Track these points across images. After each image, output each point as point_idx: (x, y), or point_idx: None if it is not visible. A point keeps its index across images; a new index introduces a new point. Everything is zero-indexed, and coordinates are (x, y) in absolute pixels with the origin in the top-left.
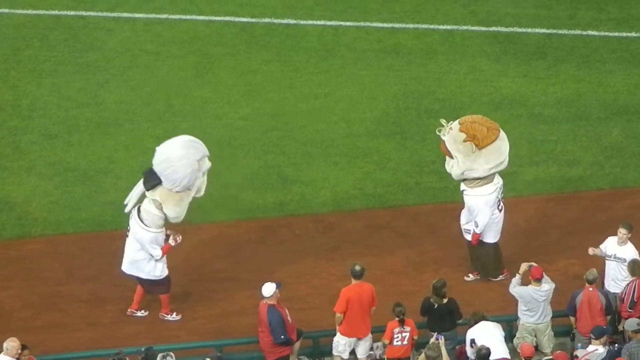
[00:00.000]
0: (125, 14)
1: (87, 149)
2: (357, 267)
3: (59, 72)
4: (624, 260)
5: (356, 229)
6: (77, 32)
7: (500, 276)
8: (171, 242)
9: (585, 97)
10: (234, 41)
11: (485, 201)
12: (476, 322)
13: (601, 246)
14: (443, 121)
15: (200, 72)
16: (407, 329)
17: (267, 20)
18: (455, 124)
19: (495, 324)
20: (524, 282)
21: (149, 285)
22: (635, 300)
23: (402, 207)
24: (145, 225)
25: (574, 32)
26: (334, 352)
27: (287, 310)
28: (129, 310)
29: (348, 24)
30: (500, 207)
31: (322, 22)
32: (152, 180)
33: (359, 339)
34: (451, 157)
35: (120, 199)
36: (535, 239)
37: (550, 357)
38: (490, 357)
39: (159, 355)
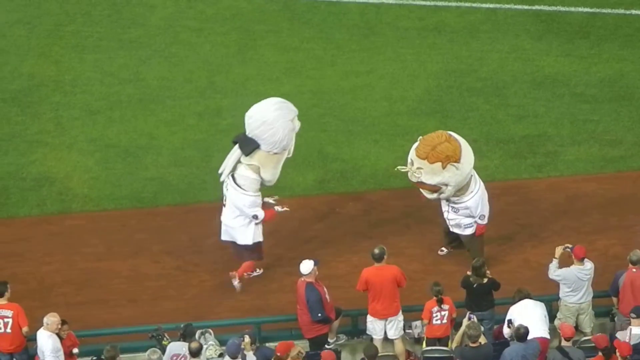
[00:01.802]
0: None
1: (128, 125)
2: (376, 251)
3: (102, 48)
4: None
5: (396, 208)
6: (120, 8)
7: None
8: (278, 208)
9: (628, 77)
10: (276, 18)
11: (481, 194)
12: (520, 300)
13: None
14: (401, 168)
15: (242, 49)
16: (446, 307)
17: None
18: (419, 162)
19: (537, 302)
20: (562, 265)
21: (243, 252)
22: None
23: None
24: (244, 190)
25: (617, 11)
26: (367, 332)
27: (325, 289)
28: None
29: (390, 1)
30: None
31: (364, 0)
32: (250, 146)
33: (386, 319)
34: (437, 190)
35: (161, 176)
36: (576, 219)
37: (590, 337)
38: (529, 336)
39: (198, 332)
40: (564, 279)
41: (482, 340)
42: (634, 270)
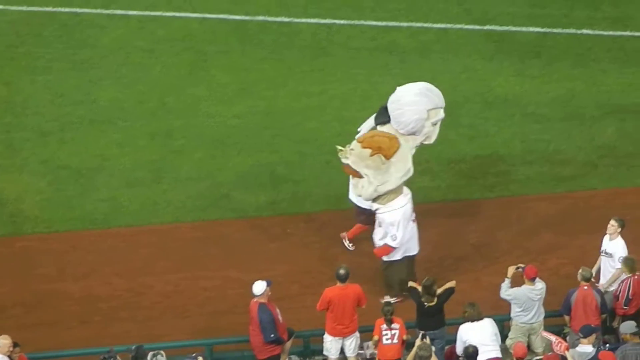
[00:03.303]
0: (119, 11)
1: (80, 147)
2: (342, 271)
3: (53, 69)
4: (611, 255)
5: (348, 228)
6: (71, 29)
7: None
8: None
9: (579, 96)
10: (227, 39)
11: (402, 213)
12: (471, 319)
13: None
14: (339, 147)
15: (194, 70)
16: (396, 327)
17: (261, 18)
18: (354, 144)
19: (489, 320)
20: (514, 284)
21: (362, 214)
22: (630, 297)
23: None
24: None
25: (568, 30)
26: (324, 351)
27: (278, 309)
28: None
29: (342, 22)
30: (414, 219)
31: (315, 20)
32: (382, 117)
33: (345, 337)
34: (360, 176)
35: (113, 197)
36: (528, 239)
37: (542, 357)
38: (483, 357)
39: (150, 354)
40: (515, 299)
41: None
42: (585, 287)
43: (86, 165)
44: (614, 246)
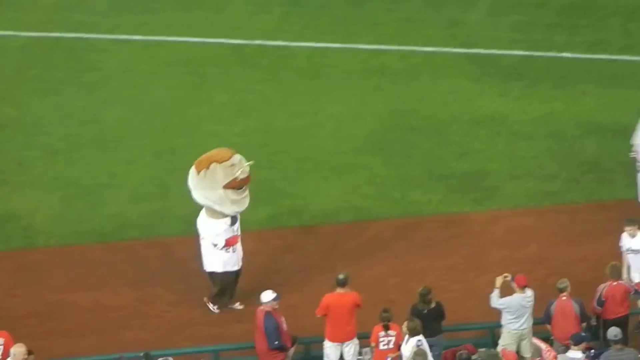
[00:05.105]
0: (123, 36)
1: (88, 165)
2: (341, 276)
3: (61, 91)
4: (639, 250)
5: (344, 240)
6: (77, 53)
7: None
8: None
9: (560, 116)
10: (227, 62)
11: (220, 228)
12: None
13: (620, 243)
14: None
15: (195, 91)
16: (393, 333)
17: (258, 42)
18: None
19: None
20: (502, 294)
21: None
22: (603, 299)
23: (387, 220)
24: None
25: (549, 54)
26: (324, 357)
27: (283, 318)
28: None
29: (335, 45)
30: (225, 248)
31: (310, 44)
32: None
33: (344, 342)
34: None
35: (121, 212)
36: (516, 250)
37: None
38: None
39: None
40: (508, 307)
41: None
42: (564, 297)
43: (95, 181)
44: (638, 241)
